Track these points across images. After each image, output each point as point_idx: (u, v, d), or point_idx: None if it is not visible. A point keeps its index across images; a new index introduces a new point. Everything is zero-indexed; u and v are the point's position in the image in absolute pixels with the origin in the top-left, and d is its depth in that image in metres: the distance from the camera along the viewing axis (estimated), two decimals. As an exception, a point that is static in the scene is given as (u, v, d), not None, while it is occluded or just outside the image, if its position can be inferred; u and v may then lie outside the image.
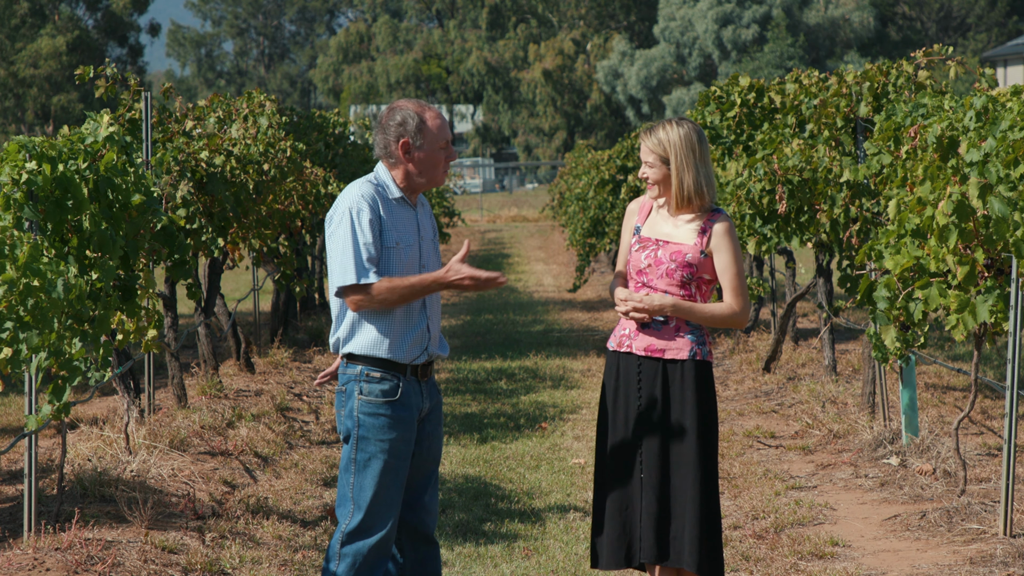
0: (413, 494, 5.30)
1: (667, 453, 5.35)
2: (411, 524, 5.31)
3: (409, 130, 5.15)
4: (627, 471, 5.37)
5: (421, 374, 5.21)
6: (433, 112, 5.19)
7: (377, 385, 5.13)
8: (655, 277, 5.38)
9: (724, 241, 5.36)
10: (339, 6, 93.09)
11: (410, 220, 5.20)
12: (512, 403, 11.50)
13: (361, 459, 5.15)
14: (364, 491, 5.14)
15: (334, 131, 15.72)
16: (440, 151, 5.18)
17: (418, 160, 5.16)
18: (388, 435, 5.13)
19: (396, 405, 5.14)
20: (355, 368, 5.15)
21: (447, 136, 5.19)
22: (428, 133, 5.15)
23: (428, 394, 5.25)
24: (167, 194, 9.24)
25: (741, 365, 12.74)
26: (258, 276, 15.29)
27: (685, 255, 5.36)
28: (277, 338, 13.64)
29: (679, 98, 56.83)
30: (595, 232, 19.42)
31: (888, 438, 8.68)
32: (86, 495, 7.27)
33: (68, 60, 53.97)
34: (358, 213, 5.08)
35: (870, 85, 9.58)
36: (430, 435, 5.29)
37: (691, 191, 5.35)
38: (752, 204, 10.00)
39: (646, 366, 5.37)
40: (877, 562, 6.61)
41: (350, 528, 5.14)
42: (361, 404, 5.15)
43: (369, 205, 5.09)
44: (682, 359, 5.35)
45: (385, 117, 5.19)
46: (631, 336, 5.41)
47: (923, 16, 65.28)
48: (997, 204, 6.17)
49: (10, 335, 5.65)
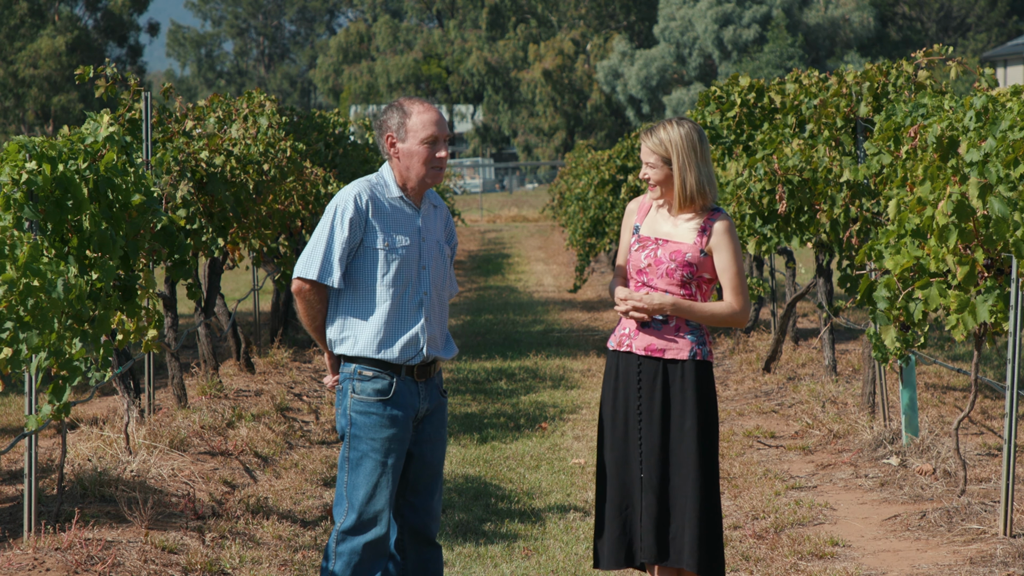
0: (417, 497, 5.29)
1: (667, 453, 5.34)
2: (414, 527, 5.30)
3: (392, 125, 5.16)
4: (627, 471, 5.37)
5: (418, 374, 5.19)
6: (422, 107, 5.15)
7: (370, 384, 5.14)
8: (655, 276, 5.37)
9: (724, 240, 5.36)
10: (339, 6, 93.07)
11: (410, 220, 5.18)
12: (512, 403, 11.50)
13: (354, 457, 5.16)
14: (357, 489, 5.14)
15: (334, 131, 15.71)
16: (422, 145, 5.12)
17: (402, 154, 5.15)
18: (380, 434, 5.13)
19: (389, 404, 5.13)
20: (349, 367, 5.17)
21: (432, 131, 5.12)
22: (410, 127, 5.12)
23: (427, 395, 5.23)
24: (167, 194, 9.23)
25: (741, 365, 12.74)
26: (258, 276, 15.30)
27: (685, 254, 5.35)
28: (277, 338, 13.64)
29: (679, 98, 56.82)
30: (595, 232, 19.41)
31: (888, 438, 8.68)
32: (86, 495, 7.27)
33: (67, 60, 53.96)
34: (343, 211, 5.10)
35: (870, 85, 9.57)
36: (431, 437, 5.28)
37: (694, 190, 5.34)
38: (752, 204, 9.99)
39: (646, 366, 5.37)
40: (877, 562, 6.61)
41: (344, 527, 5.15)
42: (354, 402, 5.16)
43: (356, 205, 5.10)
44: (682, 359, 5.35)
45: (380, 115, 5.22)
46: (631, 336, 5.40)
47: (923, 16, 65.27)
48: (997, 204, 6.17)
49: (10, 335, 5.65)
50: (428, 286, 5.19)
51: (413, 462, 5.27)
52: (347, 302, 5.16)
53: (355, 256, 5.13)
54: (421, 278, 5.17)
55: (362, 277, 5.13)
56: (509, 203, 52.28)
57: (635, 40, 65.40)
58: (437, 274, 5.23)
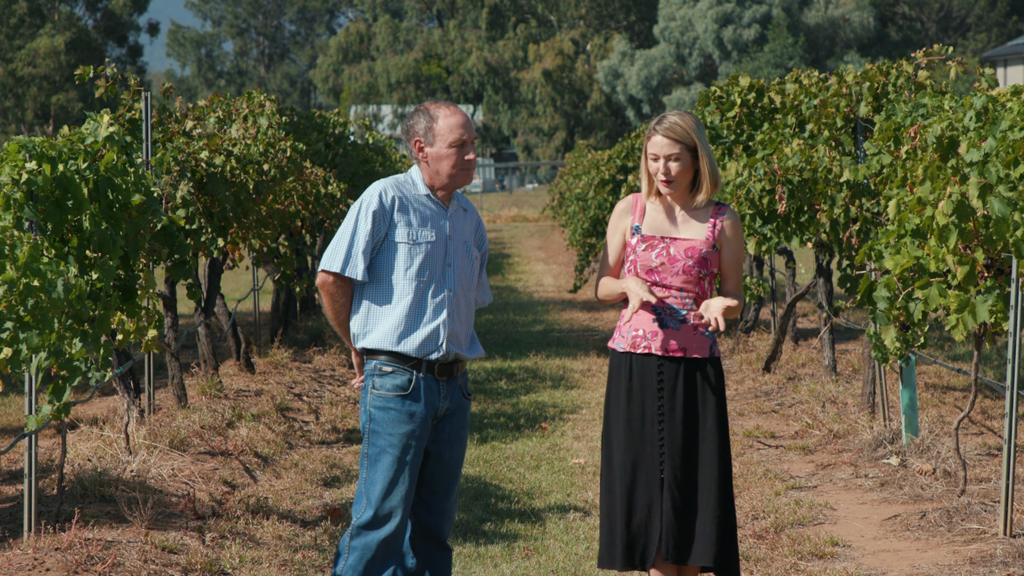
0: (433, 497, 5.30)
1: (693, 452, 5.31)
2: (427, 527, 5.31)
3: (420, 130, 5.23)
4: (644, 472, 5.32)
5: (439, 372, 5.20)
6: (448, 111, 5.23)
7: (389, 379, 5.16)
8: (669, 275, 5.33)
9: (736, 234, 5.39)
10: (339, 6, 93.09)
11: (436, 218, 5.22)
12: (512, 403, 11.51)
13: (372, 453, 5.18)
14: (374, 485, 5.16)
15: (334, 131, 15.71)
16: (450, 148, 5.19)
17: (430, 158, 5.21)
18: (398, 429, 5.14)
19: (408, 400, 5.15)
20: (370, 363, 5.21)
21: (460, 134, 5.19)
22: (438, 132, 5.19)
23: (448, 394, 5.24)
24: (167, 194, 9.24)
25: (741, 365, 12.74)
26: (258, 276, 15.30)
27: (700, 250, 5.34)
28: (277, 338, 13.64)
29: (679, 98, 56.82)
30: (595, 232, 19.42)
31: (888, 438, 8.68)
32: (86, 495, 7.27)
33: (66, 59, 53.98)
34: (367, 206, 5.17)
35: (870, 85, 9.58)
36: (450, 438, 5.28)
37: (715, 175, 5.35)
38: (752, 204, 10.00)
39: (667, 366, 5.33)
40: (877, 562, 6.61)
41: (360, 522, 5.17)
42: (374, 398, 5.18)
43: (380, 200, 5.16)
44: (704, 357, 5.35)
45: (406, 119, 5.31)
46: (648, 337, 5.35)
47: (923, 16, 65.29)
48: (997, 204, 6.17)
49: (10, 335, 5.65)
50: (453, 283, 5.21)
51: (430, 461, 5.28)
52: (370, 295, 5.19)
53: (379, 250, 5.18)
54: (446, 275, 5.20)
55: (385, 271, 5.17)
56: (509, 203, 52.30)
57: (635, 40, 65.41)
58: (463, 273, 5.25)
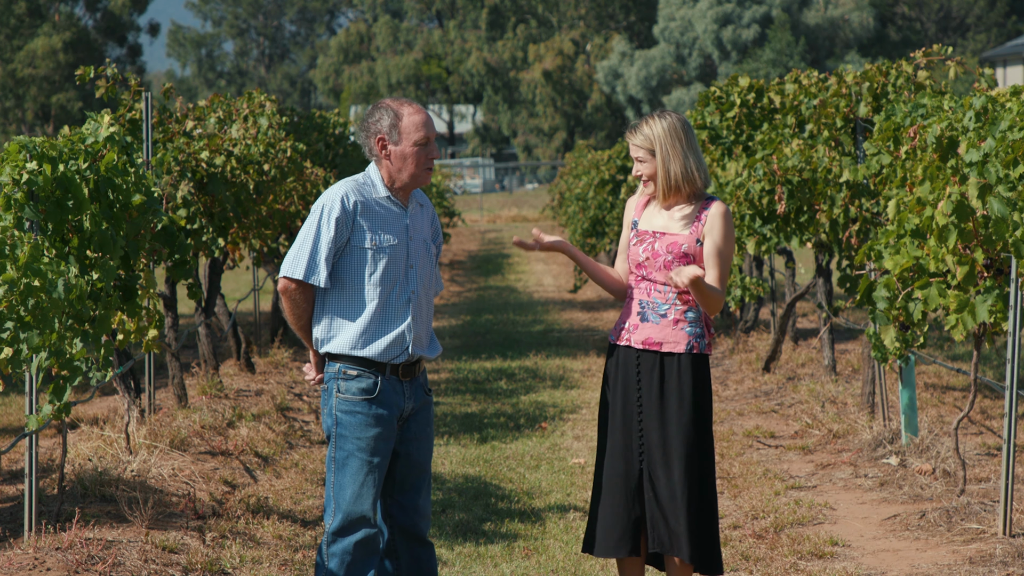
0: (405, 496, 5.30)
1: (666, 445, 5.36)
2: (404, 527, 5.31)
3: (384, 127, 5.17)
4: (628, 462, 5.39)
5: (403, 373, 5.20)
6: (412, 108, 5.17)
7: (354, 383, 5.15)
8: (653, 270, 5.40)
9: (717, 223, 5.38)
10: (339, 6, 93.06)
11: (397, 220, 5.19)
12: (512, 403, 11.51)
13: (340, 457, 5.17)
14: (343, 489, 5.15)
15: (334, 131, 15.72)
16: (415, 147, 5.15)
17: (394, 156, 5.17)
18: (365, 433, 5.14)
19: (374, 403, 5.15)
20: (334, 366, 5.19)
21: (424, 132, 5.15)
22: (403, 130, 5.15)
23: (412, 394, 5.24)
24: (167, 194, 9.24)
25: (741, 365, 12.74)
26: (258, 276, 15.30)
27: (681, 246, 5.38)
28: (277, 338, 13.65)
29: (679, 98, 56.81)
30: (595, 232, 19.43)
31: (888, 438, 8.69)
32: (86, 495, 7.27)
33: (66, 60, 53.95)
34: (329, 211, 5.11)
35: (870, 85, 9.58)
36: (417, 436, 5.29)
37: (679, 178, 5.37)
38: (752, 204, 10.00)
39: (644, 359, 5.40)
40: (877, 562, 6.61)
41: (333, 528, 5.17)
42: (339, 402, 5.17)
43: (343, 205, 5.11)
44: (679, 352, 5.37)
45: (366, 116, 5.23)
46: (630, 330, 5.44)
47: (923, 16, 65.28)
48: (996, 204, 6.18)
49: (11, 335, 5.66)
50: (416, 285, 5.20)
51: (399, 461, 5.27)
52: (334, 301, 5.17)
53: (342, 255, 5.14)
54: (409, 277, 5.19)
55: (349, 276, 5.14)
56: (509, 203, 52.28)
57: (635, 40, 65.39)
58: (424, 272, 5.24)
